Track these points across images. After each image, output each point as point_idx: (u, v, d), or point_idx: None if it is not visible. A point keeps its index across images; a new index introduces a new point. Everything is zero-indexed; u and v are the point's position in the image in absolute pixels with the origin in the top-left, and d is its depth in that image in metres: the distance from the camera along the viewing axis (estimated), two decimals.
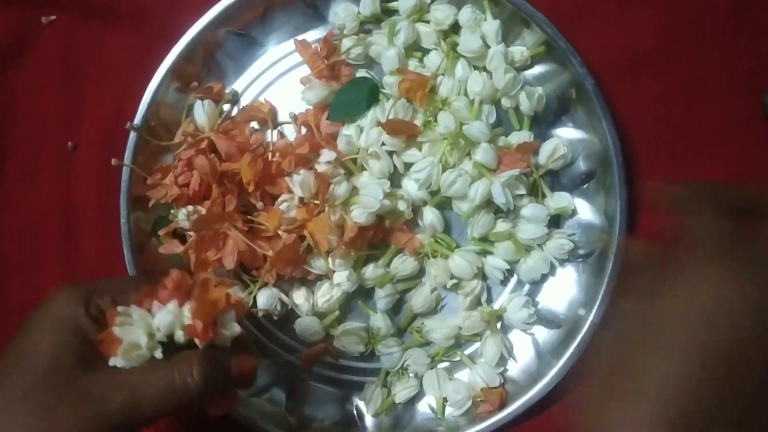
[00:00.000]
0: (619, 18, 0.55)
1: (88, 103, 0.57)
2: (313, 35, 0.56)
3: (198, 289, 0.38)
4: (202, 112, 0.53)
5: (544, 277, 0.54)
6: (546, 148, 0.53)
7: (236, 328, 0.39)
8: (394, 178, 0.53)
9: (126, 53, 0.57)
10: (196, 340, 0.38)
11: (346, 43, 0.54)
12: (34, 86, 0.57)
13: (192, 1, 0.55)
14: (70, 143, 0.57)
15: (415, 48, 0.55)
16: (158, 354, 0.37)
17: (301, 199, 0.52)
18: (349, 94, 0.53)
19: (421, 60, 0.54)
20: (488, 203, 0.52)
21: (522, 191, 0.52)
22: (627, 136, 0.54)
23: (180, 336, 0.38)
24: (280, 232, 0.51)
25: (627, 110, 0.54)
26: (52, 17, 0.57)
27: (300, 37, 0.56)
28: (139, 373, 0.36)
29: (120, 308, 0.37)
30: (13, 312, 0.56)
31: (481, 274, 0.53)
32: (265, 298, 0.52)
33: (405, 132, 0.52)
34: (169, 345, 0.38)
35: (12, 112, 0.57)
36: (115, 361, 0.37)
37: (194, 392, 0.36)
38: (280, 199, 0.52)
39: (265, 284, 0.52)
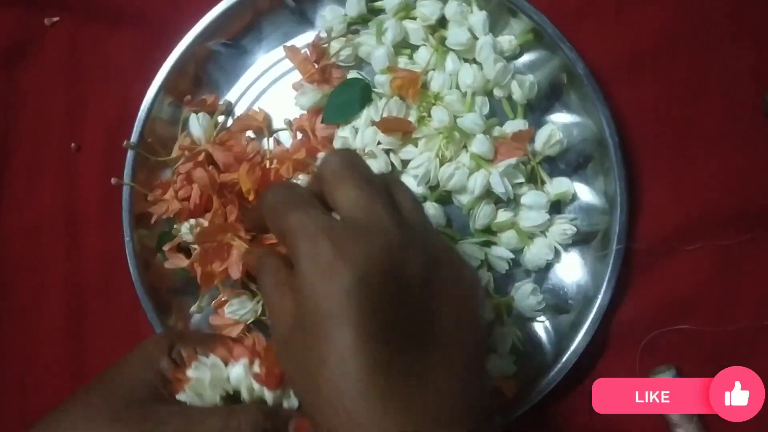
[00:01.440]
0: (620, 17, 0.55)
1: (91, 104, 0.57)
2: (302, 40, 0.56)
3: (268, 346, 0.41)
4: (197, 124, 0.54)
5: (549, 264, 0.54)
6: (541, 135, 0.53)
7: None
8: None
9: (129, 54, 0.57)
10: (265, 392, 0.40)
11: (334, 45, 0.54)
12: (37, 88, 0.57)
13: (195, 1, 0.55)
14: (73, 144, 0.57)
15: (403, 45, 0.55)
16: (218, 401, 0.40)
17: None
18: (342, 95, 0.54)
19: (410, 57, 0.55)
20: (488, 194, 0.52)
21: (521, 179, 0.53)
22: (628, 130, 0.54)
23: (245, 393, 0.40)
24: None
25: (629, 107, 0.54)
26: (55, 19, 0.58)
27: (289, 43, 0.56)
28: (199, 408, 0.39)
29: (199, 354, 0.41)
30: (17, 312, 0.56)
31: (486, 265, 0.53)
32: None
33: (399, 129, 0.52)
34: (236, 401, 0.41)
35: (15, 113, 0.57)
36: (182, 396, 0.39)
37: None
38: None
39: None
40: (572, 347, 0.51)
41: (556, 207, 0.54)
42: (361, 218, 0.34)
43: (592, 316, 0.51)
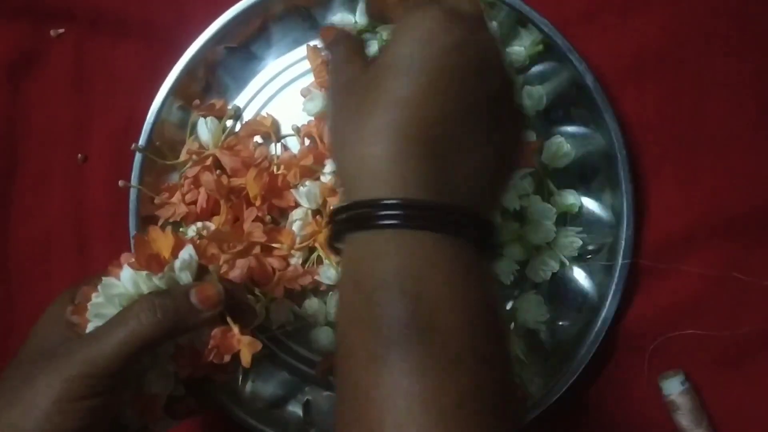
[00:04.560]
0: (625, 21, 0.56)
1: (97, 114, 0.57)
2: None
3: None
4: (205, 129, 0.54)
5: (554, 276, 0.54)
6: (549, 147, 0.53)
7: (191, 259, 0.39)
8: None
9: (135, 65, 0.57)
10: (155, 279, 0.38)
11: None
12: (44, 99, 0.58)
13: (200, 10, 0.56)
14: (80, 155, 0.57)
15: None
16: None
17: (314, 212, 0.52)
18: None
19: None
20: None
21: (528, 191, 0.53)
22: (633, 136, 0.54)
23: (145, 288, 0.39)
24: (292, 252, 0.51)
25: (634, 113, 0.55)
26: (61, 30, 0.58)
27: (298, 49, 0.56)
28: (98, 327, 0.38)
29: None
30: (26, 320, 0.56)
31: None
32: (278, 311, 0.52)
33: None
34: None
35: (23, 124, 0.58)
36: (89, 327, 0.38)
37: (149, 326, 0.36)
38: (293, 218, 0.53)
39: (274, 298, 0.52)
40: (576, 359, 0.51)
41: (563, 219, 0.54)
42: (473, 16, 0.34)
43: (596, 328, 0.51)
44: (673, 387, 0.52)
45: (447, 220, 0.30)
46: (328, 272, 0.52)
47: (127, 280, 0.38)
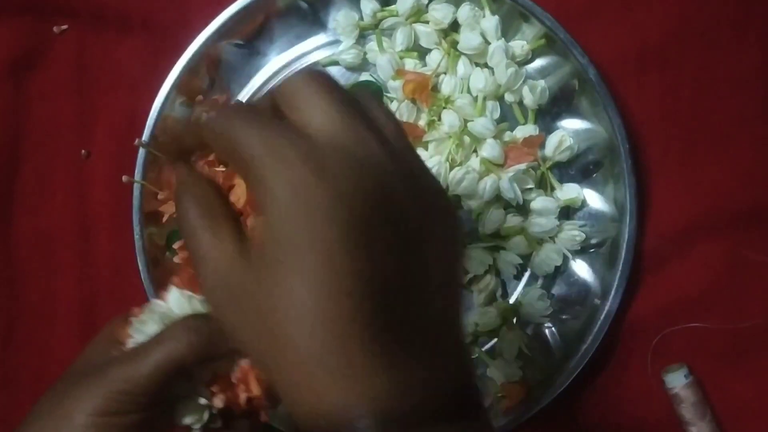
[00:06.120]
0: (627, 14, 0.55)
1: (100, 111, 0.58)
2: (314, 42, 0.57)
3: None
4: None
5: (557, 269, 0.54)
6: (552, 141, 0.53)
7: None
8: None
9: (138, 61, 0.57)
10: (196, 302, 0.38)
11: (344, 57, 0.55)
12: (47, 95, 0.58)
13: (203, 7, 0.56)
14: (83, 151, 0.57)
15: (414, 48, 0.55)
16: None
17: None
18: None
19: (419, 59, 0.54)
20: (497, 199, 0.52)
21: (530, 185, 0.53)
22: (636, 130, 0.54)
23: (189, 310, 0.38)
24: None
25: (636, 106, 0.54)
26: (64, 27, 0.58)
27: (301, 45, 0.56)
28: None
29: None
30: (29, 316, 0.57)
31: (495, 270, 0.53)
32: None
33: (408, 134, 0.52)
34: None
35: (26, 120, 0.58)
36: (129, 343, 0.38)
37: (184, 348, 0.36)
38: None
39: None
40: (579, 353, 0.51)
41: (566, 213, 0.54)
42: (340, 138, 0.27)
43: (599, 322, 0.51)
44: (677, 380, 0.52)
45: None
46: None
47: (173, 301, 0.38)
